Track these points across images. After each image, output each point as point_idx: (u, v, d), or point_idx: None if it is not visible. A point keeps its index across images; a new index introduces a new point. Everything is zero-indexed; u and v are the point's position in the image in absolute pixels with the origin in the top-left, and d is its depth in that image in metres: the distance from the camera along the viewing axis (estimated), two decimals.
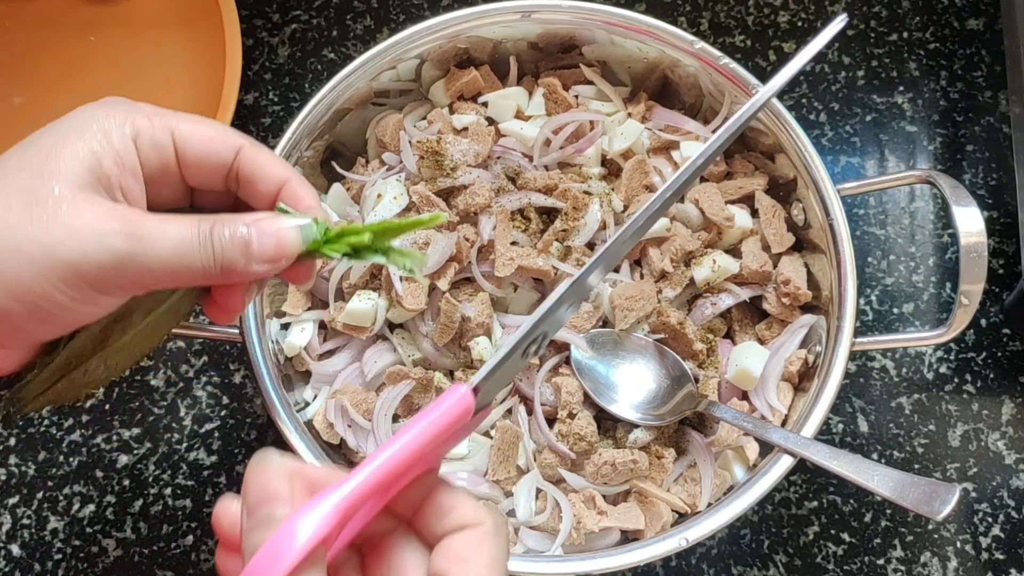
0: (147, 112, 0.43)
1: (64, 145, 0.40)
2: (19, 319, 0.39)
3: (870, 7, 0.83)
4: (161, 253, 0.40)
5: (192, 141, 0.44)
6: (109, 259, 0.39)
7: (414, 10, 0.83)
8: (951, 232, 0.75)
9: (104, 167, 0.41)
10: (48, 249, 0.38)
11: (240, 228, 0.42)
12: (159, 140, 0.43)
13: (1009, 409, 0.70)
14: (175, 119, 0.44)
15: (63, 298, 0.39)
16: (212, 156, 0.44)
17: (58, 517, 0.68)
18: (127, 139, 0.42)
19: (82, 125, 0.41)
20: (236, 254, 0.42)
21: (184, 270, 0.41)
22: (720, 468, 0.61)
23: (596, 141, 0.66)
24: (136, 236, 0.39)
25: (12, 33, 0.80)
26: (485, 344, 0.62)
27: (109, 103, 0.43)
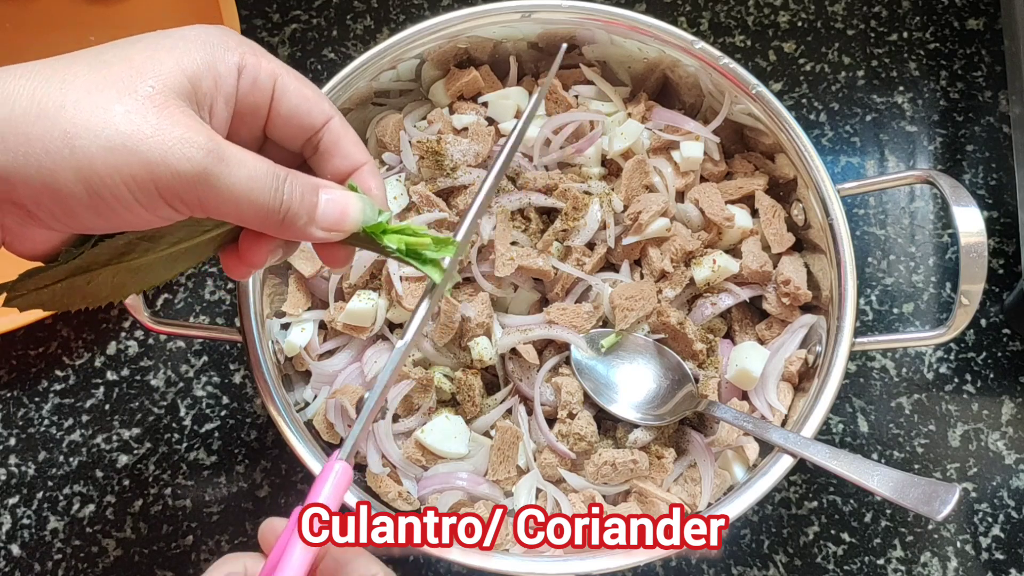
0: (258, 51, 0.44)
1: (170, 50, 0.40)
2: (77, 203, 0.38)
3: (870, 7, 0.83)
4: (236, 180, 0.40)
5: (290, 94, 0.44)
6: (187, 169, 0.38)
7: (414, 10, 0.83)
8: (951, 232, 0.75)
9: (203, 85, 0.41)
10: (130, 142, 0.38)
11: (312, 189, 0.43)
12: (261, 82, 0.43)
13: (1009, 409, 0.70)
14: (282, 68, 0.44)
15: (128, 196, 0.38)
16: (303, 116, 0.45)
17: (58, 517, 0.68)
18: (232, 68, 0.42)
19: (194, 38, 0.41)
20: (301, 210, 0.42)
21: (249, 206, 0.41)
22: (720, 468, 0.61)
23: (596, 141, 0.66)
24: (218, 155, 0.39)
25: (12, 33, 0.80)
26: (485, 344, 0.62)
27: (224, 30, 0.43)
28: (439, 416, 0.61)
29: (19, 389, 0.71)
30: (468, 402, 0.61)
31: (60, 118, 0.37)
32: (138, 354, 0.72)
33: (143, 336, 0.73)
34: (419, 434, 0.60)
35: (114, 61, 0.39)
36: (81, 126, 0.37)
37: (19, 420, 0.70)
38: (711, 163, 0.68)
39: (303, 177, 0.43)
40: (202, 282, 0.74)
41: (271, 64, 0.44)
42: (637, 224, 0.64)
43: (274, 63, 0.44)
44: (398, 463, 0.61)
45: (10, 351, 0.72)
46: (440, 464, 0.61)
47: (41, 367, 0.72)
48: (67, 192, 0.38)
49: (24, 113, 0.37)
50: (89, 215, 0.39)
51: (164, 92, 0.39)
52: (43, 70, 0.39)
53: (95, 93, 0.38)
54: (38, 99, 0.37)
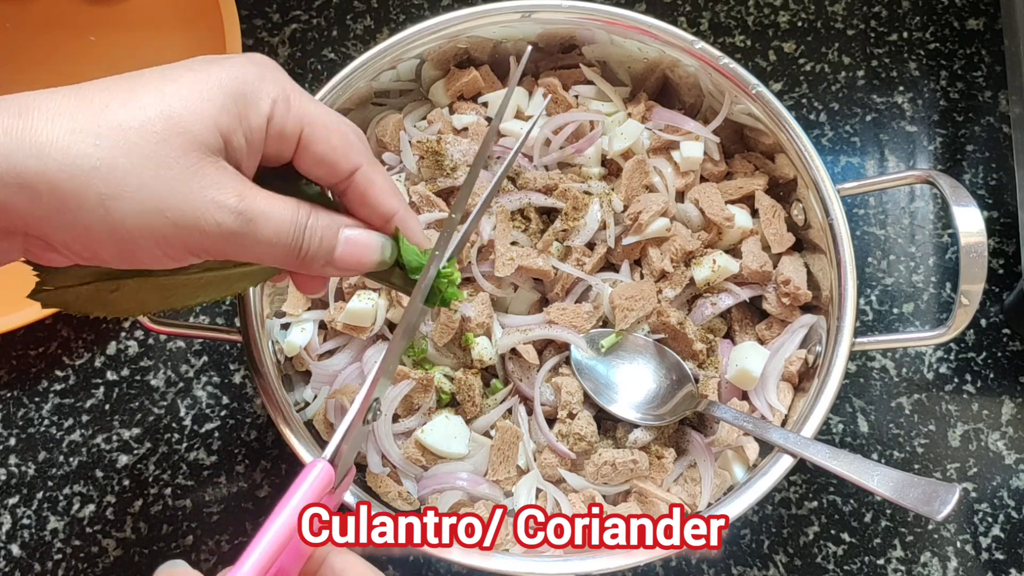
0: (289, 95, 0.43)
1: (206, 100, 0.40)
2: (106, 252, 0.39)
3: (870, 7, 0.83)
4: (262, 236, 0.41)
5: (316, 146, 0.44)
6: (216, 232, 0.39)
7: (414, 10, 0.83)
8: (951, 232, 0.75)
9: (234, 140, 0.41)
10: (163, 205, 0.38)
11: (333, 232, 0.44)
12: (288, 133, 0.43)
13: (1009, 409, 0.70)
14: (311, 115, 0.44)
15: (157, 252, 0.40)
16: (328, 166, 0.45)
17: (58, 517, 0.68)
18: (262, 120, 0.42)
19: (228, 86, 0.41)
20: (319, 254, 0.44)
21: (270, 254, 0.42)
22: (720, 468, 0.61)
23: (596, 141, 0.66)
24: (247, 217, 0.40)
25: (12, 33, 0.80)
26: (485, 344, 0.62)
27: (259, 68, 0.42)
28: (439, 416, 0.61)
29: (19, 389, 0.71)
30: (468, 402, 0.61)
31: (95, 177, 0.37)
32: (138, 354, 0.72)
33: (143, 336, 0.73)
34: (419, 434, 0.60)
35: (149, 108, 0.39)
36: (116, 187, 0.38)
37: (19, 420, 0.70)
38: (711, 163, 0.68)
39: (325, 219, 0.44)
40: None
41: (299, 112, 0.43)
42: (637, 224, 0.64)
43: (304, 108, 0.43)
44: (398, 463, 0.61)
45: (10, 351, 0.72)
46: (440, 464, 0.61)
47: (41, 367, 0.72)
48: (98, 243, 0.39)
49: (59, 169, 0.37)
50: (115, 261, 0.40)
51: (198, 149, 0.39)
52: (76, 113, 0.38)
53: (130, 150, 0.38)
54: (73, 155, 0.37)
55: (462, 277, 0.64)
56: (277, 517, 0.40)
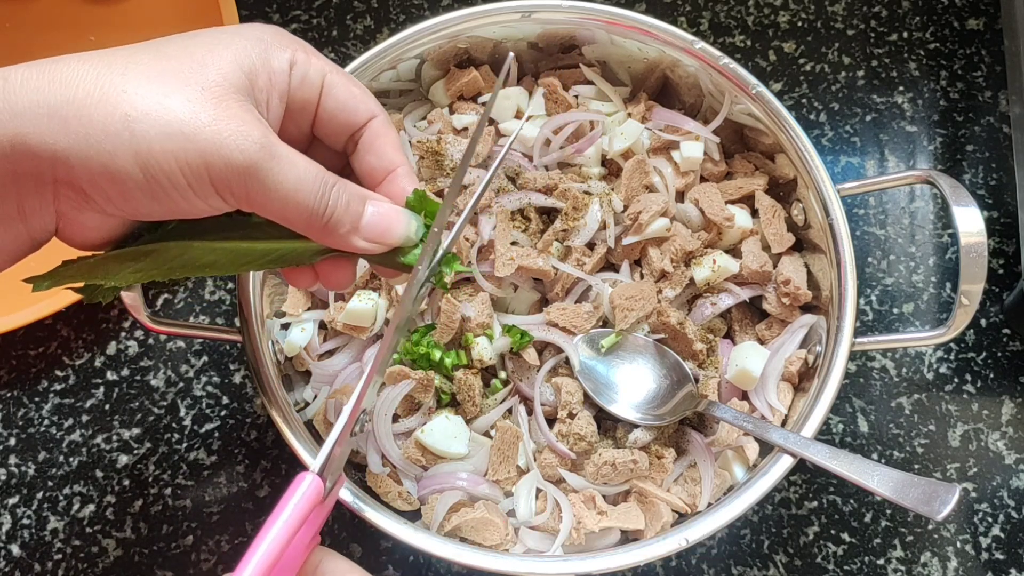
0: (307, 49, 0.45)
1: (228, 46, 0.41)
2: (134, 185, 0.39)
3: (870, 7, 0.83)
4: (285, 178, 0.41)
5: (338, 90, 0.45)
6: (239, 160, 0.40)
7: (414, 10, 0.83)
8: (951, 232, 0.75)
9: (259, 81, 0.42)
10: (188, 129, 0.39)
11: (360, 199, 0.44)
12: (311, 78, 0.44)
13: (1009, 409, 0.70)
14: (329, 65, 0.46)
15: (182, 180, 0.40)
16: (349, 112, 0.46)
17: (58, 517, 0.68)
18: (284, 64, 0.43)
19: (249, 34, 0.43)
20: (345, 218, 0.43)
21: (294, 207, 0.42)
22: (720, 468, 0.61)
23: (596, 141, 0.66)
24: (270, 151, 0.40)
25: (12, 33, 0.80)
26: (485, 344, 0.62)
27: (276, 29, 0.45)
28: (439, 416, 0.61)
29: (19, 389, 0.71)
30: (468, 402, 0.61)
31: (121, 102, 0.38)
32: (138, 354, 0.72)
33: (143, 336, 0.73)
34: (419, 434, 0.60)
35: (174, 53, 0.40)
36: (141, 111, 0.38)
37: (19, 420, 0.70)
38: (711, 163, 0.68)
39: (352, 187, 0.44)
40: (202, 282, 0.74)
41: (320, 61, 0.45)
42: (637, 224, 0.64)
43: (322, 60, 0.45)
44: (398, 463, 0.61)
45: (10, 351, 0.72)
46: (440, 464, 0.61)
47: (41, 367, 0.72)
48: (125, 174, 0.39)
49: (87, 95, 0.38)
50: (144, 199, 0.40)
51: (223, 85, 0.40)
52: (105, 57, 0.40)
53: (156, 81, 0.39)
54: (101, 83, 0.38)
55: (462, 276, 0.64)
56: (267, 532, 0.41)
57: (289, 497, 0.42)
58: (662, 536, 0.55)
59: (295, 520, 0.42)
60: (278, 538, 0.40)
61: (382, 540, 0.66)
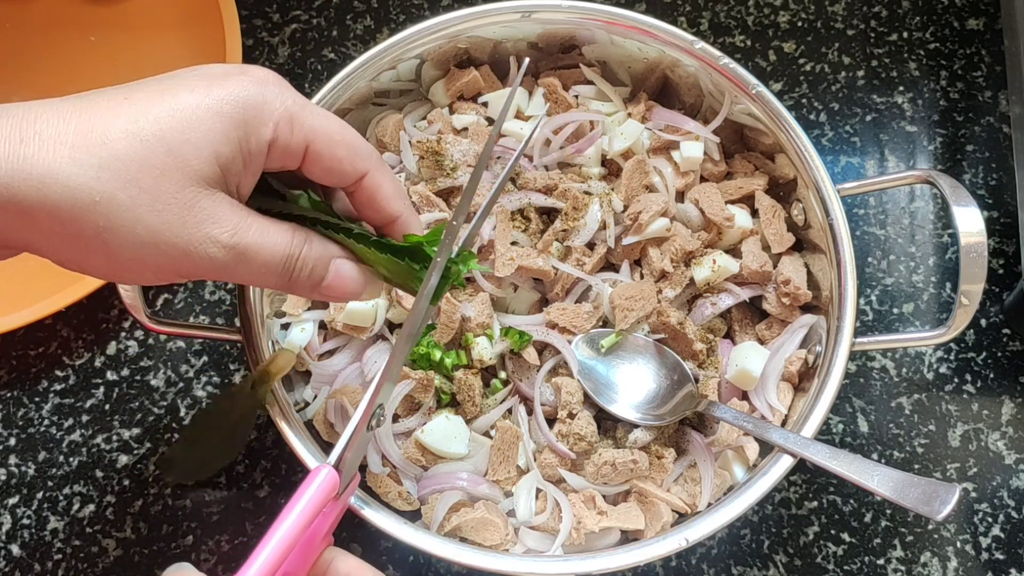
0: (295, 115, 0.43)
1: (207, 133, 0.41)
2: (100, 274, 0.42)
3: (870, 7, 0.83)
4: (252, 267, 0.43)
5: (322, 160, 0.45)
6: (209, 265, 0.41)
7: (414, 10, 0.83)
8: (951, 232, 0.75)
9: (233, 167, 0.42)
10: (159, 239, 0.40)
11: (324, 263, 0.45)
12: (292, 150, 0.44)
13: (1009, 409, 0.70)
14: (315, 130, 0.44)
15: (148, 275, 0.42)
16: (335, 176, 0.46)
17: (58, 517, 0.68)
18: (263, 145, 0.43)
19: (229, 112, 0.41)
20: (308, 284, 0.45)
21: (263, 279, 0.44)
22: (720, 468, 0.61)
23: (596, 141, 0.66)
24: (238, 251, 0.42)
25: (12, 33, 0.80)
26: (485, 344, 0.62)
27: (262, 90, 0.43)
28: (439, 416, 0.61)
29: (19, 389, 0.71)
30: (468, 402, 0.61)
31: (94, 212, 0.39)
32: (138, 354, 0.72)
33: (143, 336, 0.73)
34: (419, 434, 0.60)
35: (150, 140, 0.40)
36: (114, 221, 0.39)
37: (19, 420, 0.70)
38: (711, 163, 0.68)
39: (318, 248, 0.45)
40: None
41: (303, 129, 0.44)
42: (637, 224, 0.64)
43: (308, 123, 0.44)
44: (398, 463, 0.61)
45: (10, 351, 0.72)
46: (440, 464, 0.61)
47: (41, 367, 0.72)
48: (92, 267, 0.41)
49: (58, 201, 0.38)
50: (110, 278, 0.44)
51: (196, 183, 0.40)
52: (78, 141, 0.39)
53: (130, 188, 0.39)
54: (72, 188, 0.38)
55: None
56: (282, 523, 0.41)
57: (304, 489, 0.42)
58: (662, 536, 0.55)
59: (309, 512, 0.41)
60: (292, 529, 0.40)
61: (382, 540, 0.66)
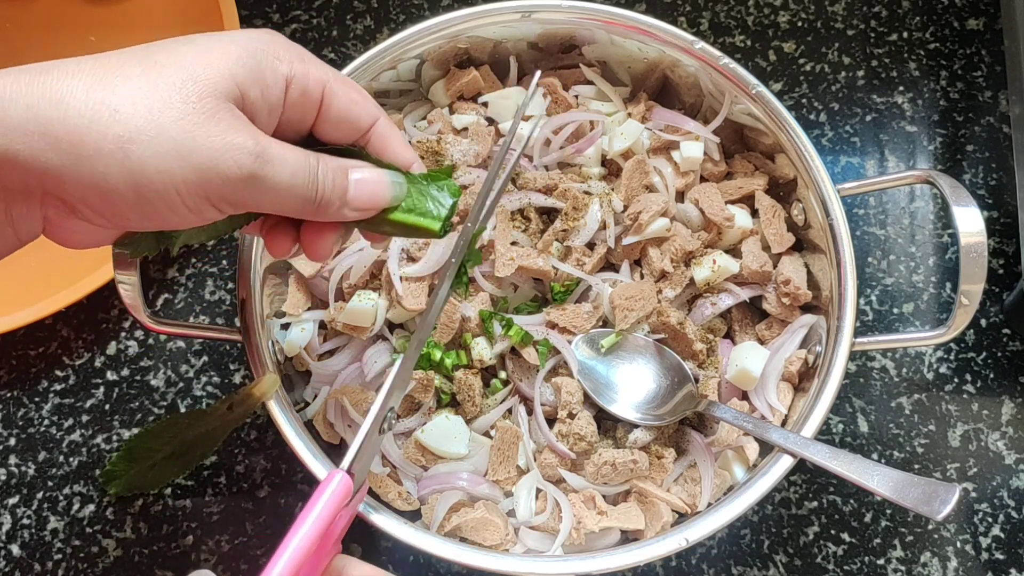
0: (306, 58, 0.44)
1: (222, 55, 0.41)
2: (125, 204, 0.39)
3: (870, 7, 0.83)
4: (280, 179, 0.41)
5: (339, 100, 0.45)
6: (236, 174, 0.40)
7: (414, 10, 0.83)
8: (951, 232, 0.75)
9: (250, 94, 0.41)
10: (182, 148, 0.39)
11: (342, 172, 0.44)
12: (310, 90, 0.44)
13: (1009, 409, 0.70)
14: (330, 74, 0.45)
15: (176, 199, 0.40)
16: (352, 120, 0.46)
17: (58, 517, 0.68)
18: (280, 79, 0.43)
19: (244, 43, 0.42)
20: (333, 196, 0.44)
21: (290, 199, 0.42)
22: (720, 468, 0.61)
23: (596, 141, 0.66)
24: (264, 157, 0.40)
25: (12, 33, 0.80)
26: (484, 344, 0.62)
27: (272, 35, 0.44)
28: (439, 416, 0.61)
29: (19, 389, 0.71)
30: (468, 402, 0.61)
31: (113, 121, 0.38)
32: (138, 354, 0.72)
33: (143, 336, 0.73)
34: (419, 434, 0.60)
35: (166, 63, 0.40)
36: (134, 130, 0.38)
37: (19, 420, 0.70)
38: (711, 163, 0.68)
39: (332, 161, 0.44)
40: (202, 282, 0.74)
41: (319, 71, 0.44)
42: (637, 224, 0.64)
43: (322, 69, 0.45)
44: (398, 463, 0.61)
45: (10, 351, 0.72)
46: (440, 464, 0.61)
47: (41, 367, 0.72)
48: (116, 194, 0.39)
49: (78, 115, 0.38)
50: (134, 215, 0.40)
51: (214, 96, 0.40)
52: (95, 70, 0.39)
53: (148, 96, 0.39)
54: (91, 101, 0.38)
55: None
56: (299, 528, 0.40)
57: (319, 494, 0.42)
58: (662, 536, 0.55)
59: (325, 518, 0.41)
60: (308, 535, 0.40)
61: (382, 540, 0.66)
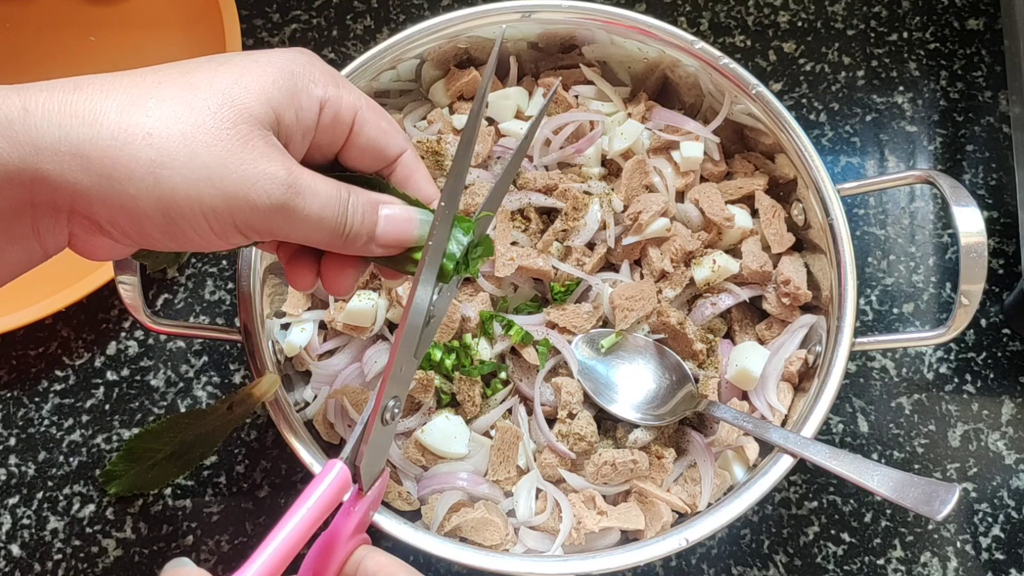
0: (340, 83, 0.44)
1: (257, 77, 0.40)
2: (152, 226, 0.39)
3: (870, 7, 0.83)
4: (310, 212, 0.41)
5: (369, 128, 0.45)
6: (266, 204, 0.39)
7: (414, 10, 0.83)
8: (951, 232, 0.75)
9: (285, 117, 0.41)
10: (214, 175, 0.38)
11: (372, 207, 0.44)
12: (343, 116, 0.44)
13: (1009, 409, 0.70)
14: (362, 100, 0.45)
15: (203, 225, 0.39)
16: (380, 149, 0.46)
17: (58, 517, 0.68)
18: (315, 103, 0.42)
19: (280, 65, 0.41)
20: (362, 230, 0.43)
21: (318, 231, 0.42)
22: (720, 468, 0.61)
23: (596, 141, 0.66)
24: (295, 188, 0.40)
25: (12, 33, 0.80)
26: (484, 344, 0.62)
27: (308, 56, 0.43)
28: (439, 416, 0.61)
29: (19, 389, 0.71)
30: (468, 402, 0.61)
31: (147, 145, 0.37)
32: (138, 354, 0.72)
33: (143, 336, 0.73)
34: (419, 434, 0.60)
35: (201, 85, 0.39)
36: (167, 155, 0.38)
37: (19, 420, 0.70)
38: (711, 163, 0.68)
39: (364, 195, 0.44)
40: (202, 282, 0.74)
41: (351, 96, 0.44)
42: (637, 224, 0.64)
43: (355, 95, 0.44)
44: (398, 463, 0.61)
45: (10, 351, 0.72)
46: (440, 464, 0.61)
47: (41, 367, 0.72)
48: (145, 217, 0.38)
49: (111, 137, 0.37)
50: (160, 237, 0.40)
51: (249, 121, 0.39)
52: (130, 88, 0.39)
53: (182, 121, 0.38)
54: (125, 123, 0.37)
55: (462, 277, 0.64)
56: (287, 519, 0.40)
57: (315, 485, 0.42)
58: (662, 536, 0.55)
59: (318, 509, 0.41)
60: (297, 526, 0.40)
61: (382, 540, 0.66)
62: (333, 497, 0.42)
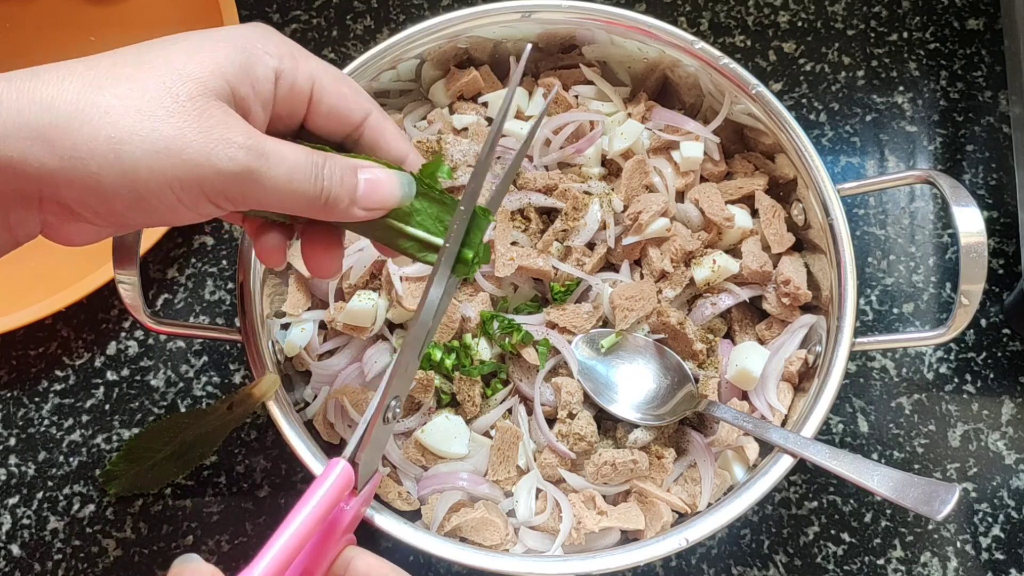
0: (296, 52, 0.44)
1: (211, 52, 0.41)
2: (121, 204, 0.39)
3: (870, 7, 0.83)
4: (277, 173, 0.41)
5: (328, 95, 0.45)
6: (231, 168, 0.39)
7: (414, 10, 0.83)
8: (951, 232, 0.75)
9: (240, 90, 0.41)
10: (174, 145, 0.38)
11: (351, 170, 0.44)
12: (299, 85, 0.44)
13: (1009, 409, 0.70)
14: (319, 68, 0.45)
15: (171, 198, 0.39)
16: (343, 114, 0.46)
17: (58, 517, 0.68)
18: (269, 72, 0.43)
19: (233, 40, 0.42)
20: (342, 193, 0.43)
21: (291, 196, 0.42)
22: (720, 468, 0.61)
23: (596, 141, 0.66)
24: (259, 152, 0.40)
25: (12, 33, 0.80)
26: (484, 344, 0.62)
27: (263, 30, 0.44)
28: (439, 416, 0.61)
29: (19, 389, 0.71)
30: (468, 402, 0.61)
31: (104, 123, 0.38)
32: (138, 354, 0.72)
33: (143, 336, 0.73)
34: (419, 434, 0.60)
35: (155, 63, 0.40)
36: (126, 131, 0.38)
37: (19, 420, 0.70)
38: (711, 163, 0.68)
39: (341, 160, 0.44)
40: (202, 282, 0.74)
41: (308, 64, 0.44)
42: (637, 224, 0.64)
43: (311, 62, 0.45)
44: (398, 463, 0.61)
45: (10, 351, 0.72)
46: (440, 464, 0.61)
47: (41, 367, 0.72)
48: (112, 194, 0.39)
49: (69, 117, 0.38)
50: (132, 214, 0.40)
51: (204, 94, 0.40)
52: (86, 72, 0.39)
53: (138, 97, 0.38)
54: (82, 103, 0.38)
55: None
56: (294, 517, 0.40)
57: (318, 484, 0.42)
58: (662, 536, 0.55)
59: (323, 506, 0.41)
60: (304, 523, 0.40)
61: (382, 540, 0.66)
62: (337, 495, 0.42)
